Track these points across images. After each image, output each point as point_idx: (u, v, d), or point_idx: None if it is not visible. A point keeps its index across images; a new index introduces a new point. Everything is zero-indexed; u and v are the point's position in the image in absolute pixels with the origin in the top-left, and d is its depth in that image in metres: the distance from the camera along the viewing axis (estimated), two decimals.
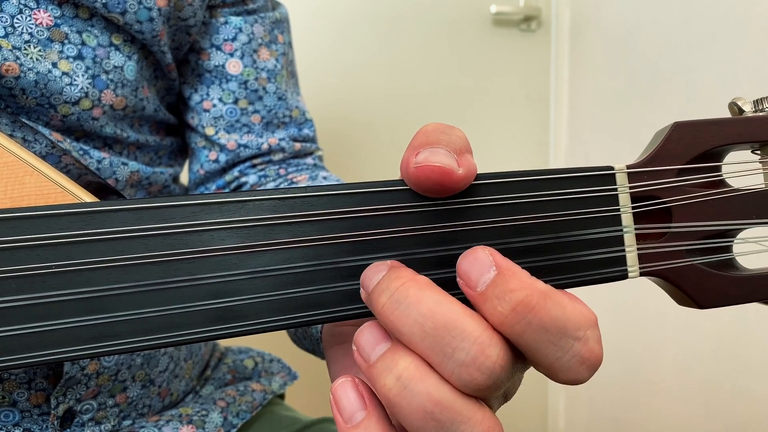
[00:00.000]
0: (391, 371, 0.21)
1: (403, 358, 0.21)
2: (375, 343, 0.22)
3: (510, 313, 0.21)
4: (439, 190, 0.24)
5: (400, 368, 0.21)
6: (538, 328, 0.21)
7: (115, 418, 0.44)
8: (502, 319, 0.21)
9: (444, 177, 0.23)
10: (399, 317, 0.21)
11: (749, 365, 0.88)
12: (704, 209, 0.26)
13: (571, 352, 0.21)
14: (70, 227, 0.23)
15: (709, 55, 0.93)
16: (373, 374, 0.22)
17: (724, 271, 0.26)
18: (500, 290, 0.21)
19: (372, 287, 0.22)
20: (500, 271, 0.21)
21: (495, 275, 0.21)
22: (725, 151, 0.27)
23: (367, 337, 0.22)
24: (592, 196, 0.26)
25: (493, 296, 0.21)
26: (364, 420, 0.22)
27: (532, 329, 0.21)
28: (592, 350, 0.22)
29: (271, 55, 0.56)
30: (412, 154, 0.24)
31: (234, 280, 0.24)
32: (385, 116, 1.21)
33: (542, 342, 0.21)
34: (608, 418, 1.20)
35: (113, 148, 0.46)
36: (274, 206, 0.24)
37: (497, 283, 0.21)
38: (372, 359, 0.22)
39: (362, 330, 0.23)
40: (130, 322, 0.23)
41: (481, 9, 1.26)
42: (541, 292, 0.21)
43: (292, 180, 0.55)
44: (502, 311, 0.21)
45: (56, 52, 0.41)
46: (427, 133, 0.24)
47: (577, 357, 0.21)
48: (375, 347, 0.22)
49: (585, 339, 0.21)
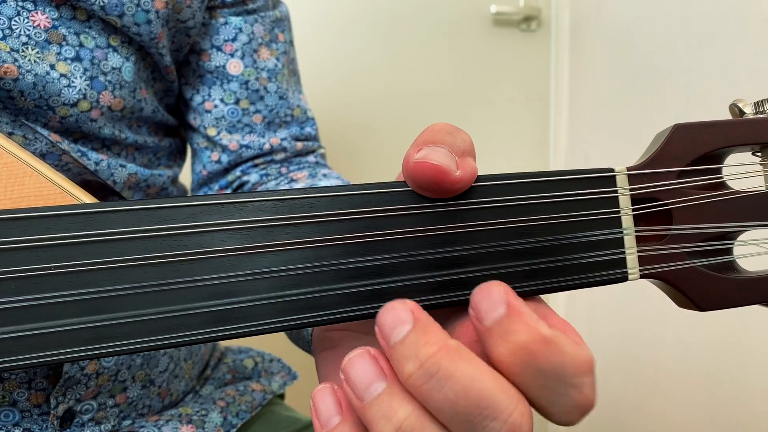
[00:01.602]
0: (390, 420, 0.21)
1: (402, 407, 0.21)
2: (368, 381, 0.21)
3: (510, 355, 0.21)
4: (434, 189, 0.24)
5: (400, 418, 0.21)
6: (535, 373, 0.21)
7: (115, 418, 0.44)
8: (502, 358, 0.21)
9: (440, 176, 0.23)
10: (429, 391, 0.20)
11: (749, 365, 0.88)
12: (705, 211, 0.26)
13: (566, 398, 0.21)
14: (70, 228, 0.23)
15: (709, 55, 0.93)
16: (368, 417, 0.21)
17: (724, 273, 0.26)
18: (504, 330, 0.21)
19: (395, 342, 0.21)
20: (509, 310, 0.21)
21: (503, 314, 0.21)
22: (726, 153, 0.27)
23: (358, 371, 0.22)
24: (593, 198, 0.26)
25: (496, 335, 0.21)
26: (339, 425, 0.22)
27: (530, 373, 0.21)
28: (587, 397, 0.21)
29: (271, 54, 0.56)
30: (414, 150, 0.24)
31: (234, 281, 0.24)
32: (385, 116, 1.21)
33: (538, 386, 0.21)
34: (608, 419, 1.20)
35: (112, 150, 0.46)
36: (274, 207, 0.24)
37: (503, 323, 0.21)
38: (366, 399, 0.21)
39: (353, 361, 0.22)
40: (130, 323, 0.23)
41: (481, 9, 1.25)
42: (544, 337, 0.21)
43: (292, 178, 0.55)
44: (503, 351, 0.21)
45: (54, 53, 0.41)
46: (433, 131, 0.24)
47: (570, 403, 0.21)
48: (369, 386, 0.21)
49: (581, 386, 0.21)
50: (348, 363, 0.22)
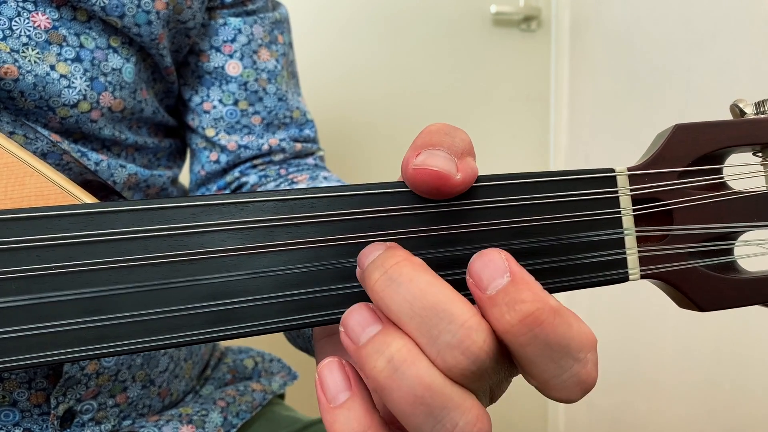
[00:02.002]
0: (382, 353, 0.21)
1: (395, 341, 0.21)
2: (365, 325, 0.22)
3: (517, 323, 0.20)
4: (435, 194, 0.24)
5: (392, 350, 0.21)
6: (542, 344, 0.21)
7: (115, 418, 0.44)
8: (508, 327, 0.21)
9: (441, 182, 0.23)
10: (390, 295, 0.21)
11: (749, 365, 0.88)
12: (705, 212, 0.26)
13: (570, 372, 0.21)
14: (70, 228, 0.23)
15: (709, 55, 0.93)
16: (363, 356, 0.21)
17: (725, 273, 0.26)
18: (511, 299, 0.21)
19: (367, 264, 0.23)
20: (514, 278, 0.21)
21: (507, 282, 0.21)
22: (726, 154, 0.27)
23: (356, 318, 0.22)
24: (593, 199, 0.26)
25: (502, 303, 0.21)
26: (348, 401, 0.22)
27: (537, 344, 0.21)
28: (590, 373, 0.21)
29: (271, 55, 0.56)
30: (412, 155, 0.24)
31: (234, 281, 0.24)
32: (385, 116, 1.21)
33: (543, 357, 0.21)
34: (608, 419, 1.20)
35: (111, 150, 0.46)
36: (274, 207, 0.24)
37: (509, 291, 0.21)
38: (361, 341, 0.22)
39: (351, 311, 0.22)
40: (131, 323, 0.23)
41: (481, 9, 1.25)
42: (552, 308, 0.21)
43: (292, 180, 0.55)
44: (510, 320, 0.20)
45: (54, 54, 0.41)
46: (430, 133, 0.24)
47: (574, 378, 0.21)
48: (365, 328, 0.22)
49: (585, 361, 0.21)
50: (347, 314, 0.23)
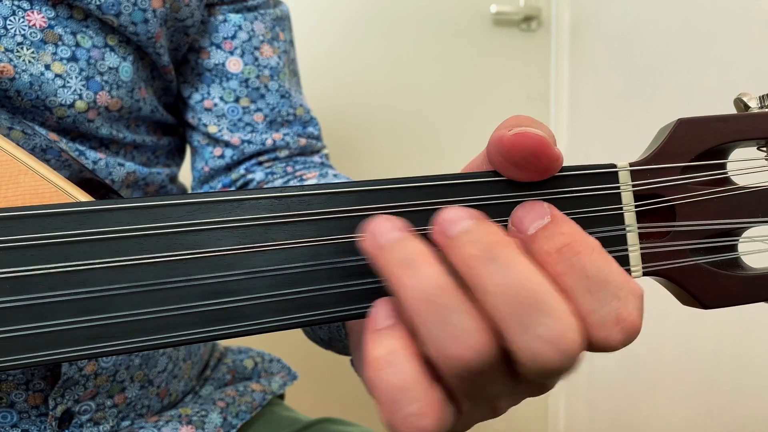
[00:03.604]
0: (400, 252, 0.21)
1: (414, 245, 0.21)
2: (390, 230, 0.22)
3: (555, 252, 0.22)
4: (531, 163, 0.24)
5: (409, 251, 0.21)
6: (579, 273, 0.21)
7: (114, 419, 0.44)
8: (546, 257, 0.22)
9: (542, 148, 0.23)
10: (489, 275, 0.21)
11: (749, 365, 0.88)
12: (709, 207, 0.26)
13: (608, 306, 0.21)
14: (66, 227, 0.23)
15: (709, 55, 0.93)
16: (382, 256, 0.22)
17: (729, 270, 0.26)
18: (550, 232, 0.22)
19: (457, 233, 0.22)
20: (554, 219, 0.22)
21: (548, 221, 0.22)
22: (730, 148, 0.27)
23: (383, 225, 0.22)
24: (595, 195, 0.25)
25: (542, 237, 0.22)
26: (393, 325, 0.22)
27: (574, 272, 0.21)
28: (631, 313, 0.21)
29: (273, 52, 0.55)
30: (505, 129, 0.24)
31: (231, 280, 0.24)
32: (385, 116, 1.21)
33: (581, 288, 0.21)
34: (608, 419, 1.20)
35: (110, 148, 0.46)
36: (271, 206, 0.24)
37: (548, 227, 0.22)
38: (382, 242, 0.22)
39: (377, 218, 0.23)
40: (127, 322, 0.23)
41: (481, 9, 1.25)
42: (590, 243, 0.22)
43: (301, 177, 0.55)
44: (548, 249, 0.22)
45: (50, 53, 0.40)
46: (519, 118, 0.24)
47: (613, 314, 0.21)
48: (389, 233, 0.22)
49: (625, 299, 0.21)
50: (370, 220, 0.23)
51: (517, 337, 0.20)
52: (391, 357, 0.22)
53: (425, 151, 1.24)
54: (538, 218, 0.22)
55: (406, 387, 0.21)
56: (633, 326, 0.21)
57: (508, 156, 0.24)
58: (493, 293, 0.21)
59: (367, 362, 0.22)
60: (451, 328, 0.21)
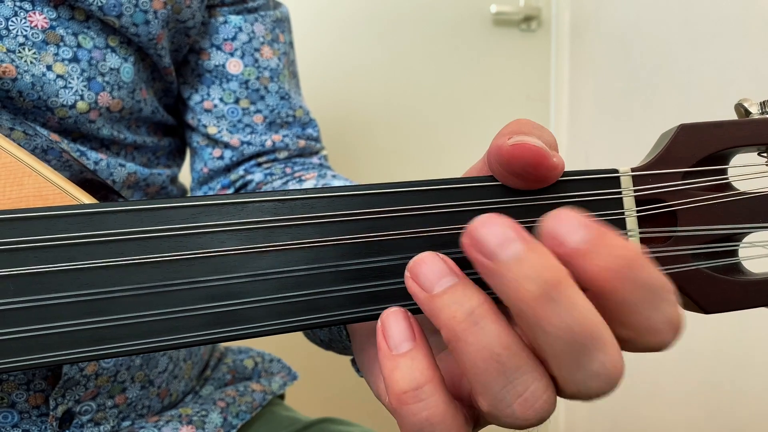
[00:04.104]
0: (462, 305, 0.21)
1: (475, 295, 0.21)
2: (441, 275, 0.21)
3: (606, 269, 0.20)
4: (530, 173, 0.23)
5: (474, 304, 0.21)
6: (633, 286, 0.20)
7: (115, 419, 0.44)
8: (595, 275, 0.20)
9: (539, 159, 0.23)
10: (548, 315, 0.19)
11: (749, 366, 0.88)
12: (710, 213, 0.26)
13: (661, 311, 0.21)
14: (69, 229, 0.23)
15: (709, 55, 0.93)
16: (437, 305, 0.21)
17: (729, 275, 0.26)
18: (595, 245, 0.20)
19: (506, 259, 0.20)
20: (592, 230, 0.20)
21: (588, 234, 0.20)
22: (731, 154, 0.27)
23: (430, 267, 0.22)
24: (597, 200, 0.25)
25: (590, 252, 0.20)
26: (412, 350, 0.22)
27: (628, 287, 0.20)
28: (677, 312, 0.21)
29: (273, 53, 0.55)
30: (504, 138, 0.23)
31: (234, 282, 0.24)
32: (385, 116, 1.21)
33: (636, 300, 0.20)
34: (608, 420, 1.20)
35: (110, 149, 0.46)
36: (274, 208, 0.24)
37: (591, 241, 0.20)
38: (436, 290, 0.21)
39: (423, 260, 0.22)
40: (129, 324, 0.23)
41: (481, 9, 1.25)
42: (637, 251, 0.20)
43: (300, 178, 0.55)
44: (602, 265, 0.20)
45: (51, 54, 0.40)
46: (519, 123, 0.24)
47: (665, 318, 0.21)
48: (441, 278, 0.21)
49: (672, 301, 0.21)
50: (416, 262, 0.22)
51: (570, 375, 0.20)
52: (419, 392, 0.21)
53: (425, 152, 1.24)
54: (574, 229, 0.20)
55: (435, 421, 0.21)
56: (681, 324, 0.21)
57: (507, 166, 0.23)
58: (553, 334, 0.19)
59: (388, 389, 0.22)
60: (517, 389, 0.20)
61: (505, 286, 0.20)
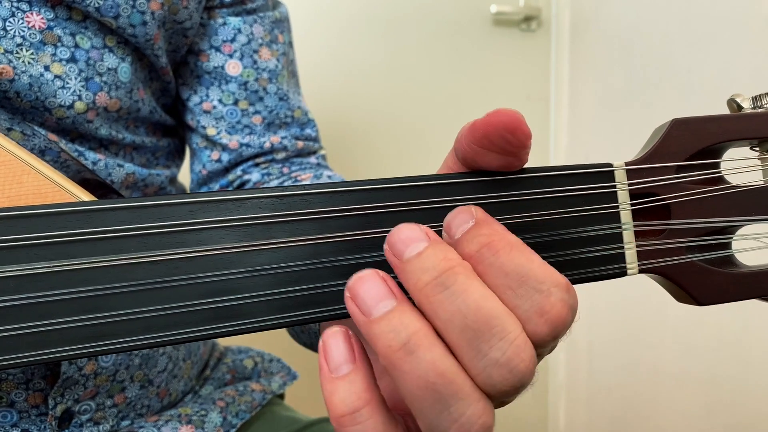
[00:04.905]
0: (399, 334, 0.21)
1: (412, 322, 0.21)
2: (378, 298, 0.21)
3: (475, 253, 0.22)
4: (509, 140, 0.23)
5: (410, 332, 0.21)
6: (498, 272, 0.21)
7: (114, 419, 0.44)
8: (468, 258, 0.22)
9: (517, 122, 0.22)
10: (441, 302, 0.21)
11: (749, 363, 0.88)
12: (703, 206, 0.26)
13: (529, 301, 0.21)
14: (68, 226, 0.23)
15: (709, 55, 0.93)
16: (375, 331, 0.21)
17: (723, 268, 0.26)
18: (472, 235, 0.22)
19: (409, 257, 0.21)
20: (477, 222, 0.22)
21: (472, 225, 0.22)
22: (724, 148, 0.27)
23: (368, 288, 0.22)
24: (591, 193, 0.26)
25: (465, 240, 0.22)
26: (351, 373, 0.22)
27: (494, 271, 0.21)
28: (554, 305, 0.21)
29: (272, 55, 0.55)
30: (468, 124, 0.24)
31: (232, 278, 0.24)
32: (385, 116, 1.21)
33: (502, 287, 0.21)
34: (608, 419, 1.20)
35: (109, 149, 0.46)
36: (272, 204, 0.24)
37: (471, 230, 0.22)
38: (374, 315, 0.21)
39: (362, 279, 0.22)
40: (128, 321, 0.23)
41: (481, 9, 1.25)
42: (509, 241, 0.22)
43: (296, 178, 0.55)
44: (469, 251, 0.22)
45: (49, 55, 0.40)
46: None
47: (535, 307, 0.21)
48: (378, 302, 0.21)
49: (547, 293, 0.21)
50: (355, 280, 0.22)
51: (473, 365, 0.20)
52: (356, 416, 0.21)
53: (425, 151, 1.24)
54: (463, 222, 0.22)
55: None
56: (558, 317, 0.21)
57: (484, 139, 0.23)
58: (447, 321, 0.21)
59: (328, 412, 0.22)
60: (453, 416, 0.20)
61: (407, 279, 0.21)
